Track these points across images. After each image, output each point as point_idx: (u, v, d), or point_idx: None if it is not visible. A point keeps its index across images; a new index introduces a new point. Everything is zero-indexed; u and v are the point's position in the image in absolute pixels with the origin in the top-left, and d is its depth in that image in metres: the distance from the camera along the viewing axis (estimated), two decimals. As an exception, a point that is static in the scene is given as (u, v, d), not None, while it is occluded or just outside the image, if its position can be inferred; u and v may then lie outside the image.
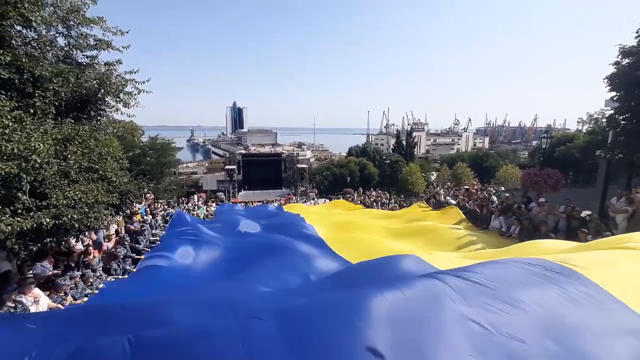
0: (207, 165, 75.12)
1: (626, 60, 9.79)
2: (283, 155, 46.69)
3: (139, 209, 11.43)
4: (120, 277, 6.84)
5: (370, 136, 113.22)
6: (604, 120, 16.39)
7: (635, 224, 6.69)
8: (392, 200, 21.29)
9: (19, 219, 4.15)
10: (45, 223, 4.30)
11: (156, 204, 14.99)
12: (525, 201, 10.19)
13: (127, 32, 6.76)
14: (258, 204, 24.37)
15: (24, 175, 4.23)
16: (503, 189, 14.15)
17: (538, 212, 8.78)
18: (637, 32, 9.56)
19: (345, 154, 62.76)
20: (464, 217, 10.82)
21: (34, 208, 4.41)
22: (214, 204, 21.18)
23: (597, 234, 6.85)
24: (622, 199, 7.55)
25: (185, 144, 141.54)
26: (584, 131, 32.30)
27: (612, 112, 11.08)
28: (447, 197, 14.14)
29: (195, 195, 24.82)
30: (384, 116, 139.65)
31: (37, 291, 4.81)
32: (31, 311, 4.58)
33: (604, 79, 10.27)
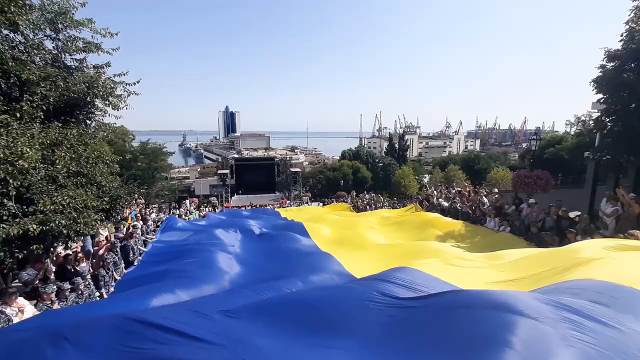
0: (199, 170, 74.60)
1: (611, 64, 9.98)
2: (276, 159, 46.58)
3: (129, 213, 11.26)
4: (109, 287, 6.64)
5: (363, 139, 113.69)
6: (591, 122, 16.69)
7: (623, 223, 6.79)
8: (386, 203, 21.37)
9: (4, 225, 4.06)
10: (32, 229, 4.21)
11: (147, 209, 14.80)
12: (517, 202, 10.30)
13: (116, 34, 6.70)
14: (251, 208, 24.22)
15: (11, 180, 4.14)
16: (496, 190, 14.26)
17: (528, 213, 8.88)
18: (621, 35, 9.77)
19: (338, 158, 62.96)
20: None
21: (19, 214, 4.32)
22: (206, 209, 20.99)
23: (586, 234, 6.94)
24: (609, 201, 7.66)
25: (177, 149, 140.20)
26: (572, 133, 32.87)
27: (598, 114, 11.27)
28: (440, 200, 14.23)
29: (187, 201, 24.60)
30: (376, 119, 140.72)
31: (21, 300, 4.67)
32: (14, 322, 4.44)
33: (590, 82, 10.46)
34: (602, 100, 10.42)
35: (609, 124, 10.57)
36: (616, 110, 9.98)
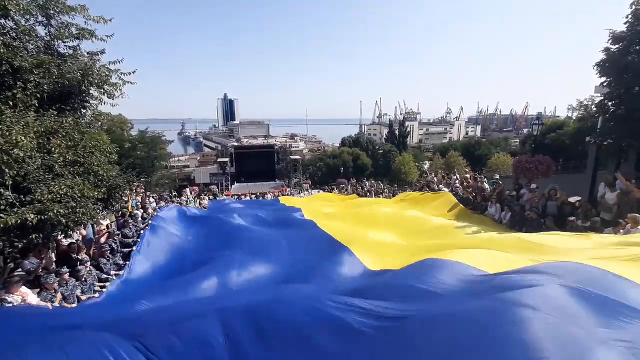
0: (199, 158, 74.36)
1: (616, 46, 9.79)
2: (276, 147, 46.37)
3: (128, 202, 11.25)
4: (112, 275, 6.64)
5: (363, 127, 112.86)
6: (593, 107, 16.51)
7: (623, 208, 6.77)
8: (386, 191, 21.36)
9: (2, 215, 4.05)
10: (29, 219, 4.19)
11: (147, 198, 14.80)
12: (518, 188, 10.26)
13: (110, 20, 6.54)
14: (252, 197, 24.25)
15: (7, 170, 4.11)
16: (498, 177, 14.19)
17: (530, 199, 8.85)
18: (626, 17, 9.56)
19: (338, 145, 62.61)
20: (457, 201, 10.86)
21: (17, 204, 4.29)
22: (206, 198, 21.00)
23: (586, 219, 6.94)
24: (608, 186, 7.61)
25: (177, 137, 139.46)
26: (574, 118, 32.55)
27: (601, 98, 11.12)
28: (441, 186, 14.20)
29: (188, 189, 24.58)
30: (376, 106, 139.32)
31: (24, 289, 4.70)
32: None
33: (594, 65, 10.29)
34: (605, 84, 10.27)
35: (611, 107, 10.45)
36: (619, 94, 9.85)
